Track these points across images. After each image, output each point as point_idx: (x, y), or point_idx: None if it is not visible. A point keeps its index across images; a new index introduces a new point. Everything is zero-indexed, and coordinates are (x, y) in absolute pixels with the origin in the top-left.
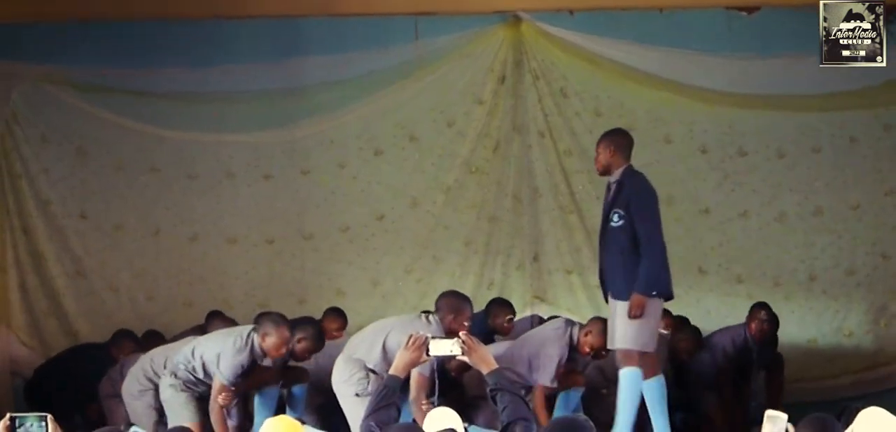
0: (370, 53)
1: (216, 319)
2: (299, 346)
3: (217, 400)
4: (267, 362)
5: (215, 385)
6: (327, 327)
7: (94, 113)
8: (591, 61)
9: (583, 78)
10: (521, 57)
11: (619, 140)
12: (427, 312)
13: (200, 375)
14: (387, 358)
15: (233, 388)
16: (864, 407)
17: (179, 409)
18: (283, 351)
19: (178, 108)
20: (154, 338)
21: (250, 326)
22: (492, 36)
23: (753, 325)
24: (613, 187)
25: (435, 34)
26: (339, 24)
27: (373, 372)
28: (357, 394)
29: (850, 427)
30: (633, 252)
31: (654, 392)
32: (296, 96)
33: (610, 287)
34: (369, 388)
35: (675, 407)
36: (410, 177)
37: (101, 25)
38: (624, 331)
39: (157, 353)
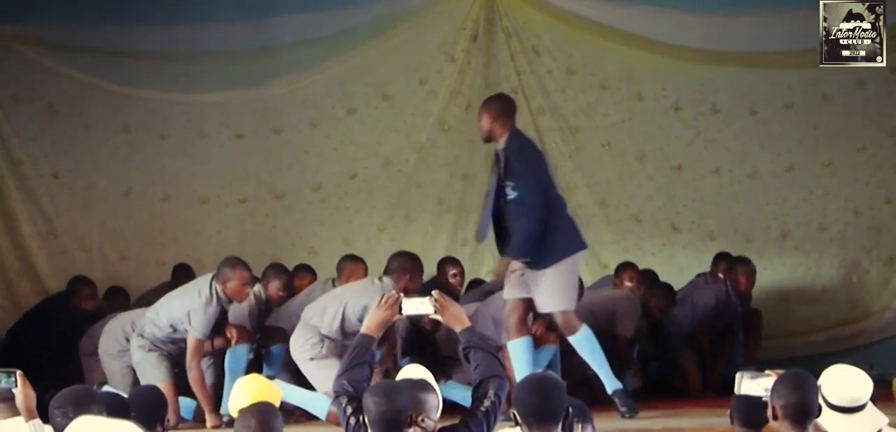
0: (342, 12)
1: (183, 273)
2: (270, 289)
3: (195, 356)
4: (238, 309)
5: (191, 341)
6: (299, 284)
7: (65, 73)
8: (563, 19)
9: (555, 36)
10: (494, 15)
11: (498, 105)
12: (380, 277)
13: (168, 333)
14: (344, 326)
15: (208, 341)
16: (837, 364)
17: (150, 369)
18: (247, 291)
19: (150, 67)
20: (117, 295)
21: (209, 275)
22: None
23: (742, 279)
24: (502, 157)
25: None
26: None
27: (328, 338)
28: (311, 358)
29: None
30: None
31: (583, 344)
32: (268, 55)
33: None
34: (323, 352)
35: (649, 358)
36: (383, 136)
37: None
38: (547, 298)
39: (138, 314)
